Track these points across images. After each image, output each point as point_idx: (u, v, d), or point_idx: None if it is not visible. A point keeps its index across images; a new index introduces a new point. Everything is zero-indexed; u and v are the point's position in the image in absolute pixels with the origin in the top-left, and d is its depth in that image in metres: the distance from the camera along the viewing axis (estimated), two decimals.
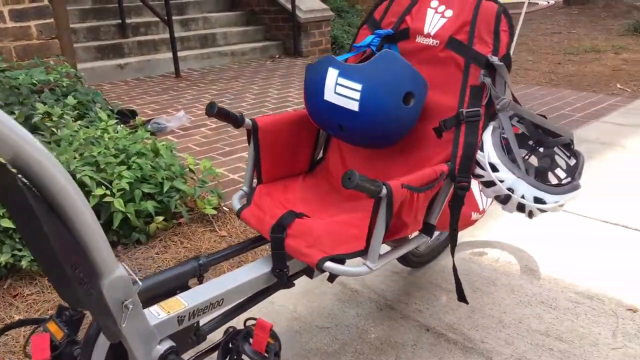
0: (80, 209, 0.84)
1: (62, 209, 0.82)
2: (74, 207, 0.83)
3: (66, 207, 0.82)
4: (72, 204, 0.83)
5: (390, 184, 1.12)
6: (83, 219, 0.85)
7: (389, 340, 1.64)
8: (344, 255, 1.23)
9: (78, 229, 0.85)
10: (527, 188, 1.27)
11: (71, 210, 0.83)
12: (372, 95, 1.27)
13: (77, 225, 0.85)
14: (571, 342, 1.60)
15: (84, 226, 0.85)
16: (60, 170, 0.80)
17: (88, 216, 0.86)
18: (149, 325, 1.04)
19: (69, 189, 0.82)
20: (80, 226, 0.85)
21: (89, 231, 0.86)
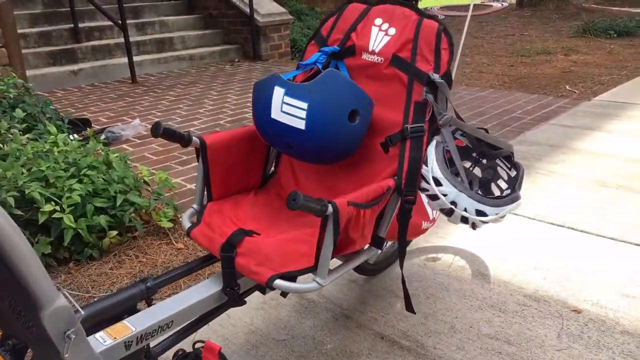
0: (15, 242, 0.83)
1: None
2: (8, 241, 0.82)
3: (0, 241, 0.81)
4: (6, 238, 0.82)
5: (336, 202, 1.15)
6: (18, 251, 0.84)
7: (345, 350, 1.67)
8: (294, 272, 1.24)
9: (13, 263, 0.84)
10: (468, 201, 1.31)
11: (5, 244, 0.82)
12: (317, 113, 1.28)
13: (12, 258, 0.83)
14: (519, 345, 1.66)
15: (20, 259, 0.84)
16: None
17: (24, 248, 0.84)
18: (94, 352, 1.02)
19: (1, 222, 0.80)
20: (15, 259, 0.84)
21: (25, 264, 0.85)
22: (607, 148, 3.36)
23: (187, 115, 4.37)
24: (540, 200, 2.65)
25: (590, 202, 2.62)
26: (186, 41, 6.75)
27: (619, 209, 2.53)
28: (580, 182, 2.86)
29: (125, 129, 3.75)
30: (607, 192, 2.72)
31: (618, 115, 4.10)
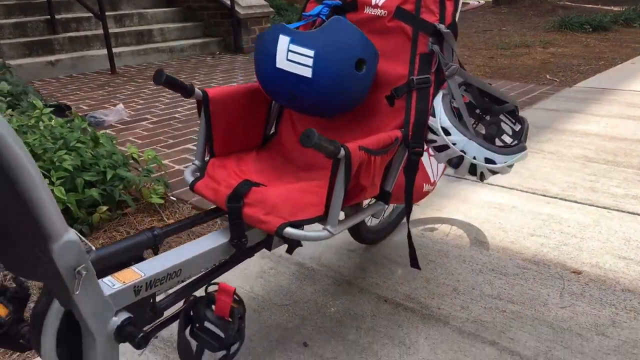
0: (24, 165, 0.78)
1: (4, 163, 0.76)
2: (17, 162, 0.77)
3: (9, 161, 0.76)
4: (16, 159, 0.77)
5: (348, 145, 1.12)
6: (28, 175, 0.79)
7: (349, 312, 1.64)
8: (303, 221, 1.21)
9: (24, 187, 0.79)
10: (478, 149, 1.30)
11: (15, 166, 0.77)
12: (324, 61, 1.26)
13: (22, 182, 0.79)
14: (522, 304, 1.66)
15: (30, 184, 0.80)
16: (4, 123, 0.75)
17: (34, 173, 0.80)
18: (104, 295, 0.98)
19: (11, 142, 0.76)
20: (25, 184, 0.79)
21: (36, 190, 0.81)
22: (591, 128, 3.42)
23: (170, 103, 4.30)
24: (531, 175, 2.67)
25: (580, 175, 2.65)
26: (165, 34, 6.66)
27: (608, 181, 2.56)
28: (569, 158, 2.90)
29: (109, 115, 3.66)
30: (595, 167, 2.76)
31: (599, 99, 4.17)
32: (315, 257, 1.96)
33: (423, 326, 1.57)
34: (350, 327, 1.58)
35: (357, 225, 1.86)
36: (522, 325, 1.57)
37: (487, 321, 1.58)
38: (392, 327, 1.57)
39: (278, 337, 1.54)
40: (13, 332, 1.02)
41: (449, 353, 1.46)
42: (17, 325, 1.02)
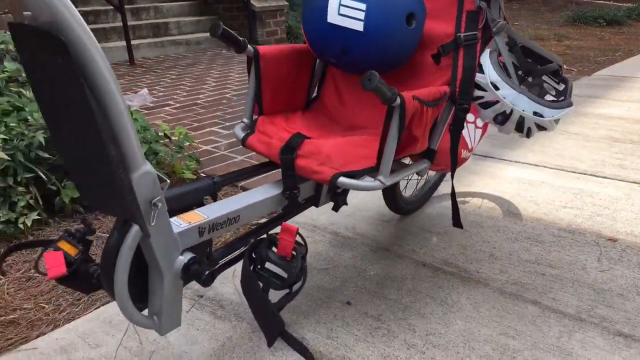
0: (112, 92, 0.81)
1: (95, 89, 0.79)
2: (107, 88, 0.80)
3: (100, 87, 0.79)
4: (106, 85, 0.80)
5: (403, 94, 1.14)
6: (115, 102, 0.82)
7: (388, 275, 1.66)
8: (356, 171, 1.23)
9: (111, 114, 0.82)
10: (527, 102, 1.32)
11: (104, 92, 0.80)
12: (376, 14, 1.28)
13: (109, 109, 0.81)
14: (561, 268, 1.67)
15: (116, 111, 0.82)
16: (97, 46, 0.77)
17: (120, 101, 0.83)
18: (173, 232, 1.01)
19: (103, 67, 0.79)
20: (112, 111, 0.82)
21: (121, 118, 0.83)
22: (614, 112, 3.42)
23: (192, 90, 4.33)
24: (559, 154, 2.68)
25: (607, 154, 2.66)
26: (182, 27, 6.71)
27: (637, 159, 2.57)
28: (594, 139, 2.90)
29: (133, 99, 3.70)
30: (621, 147, 2.76)
31: (619, 86, 4.17)
32: (350, 227, 1.98)
33: (464, 287, 1.59)
34: (391, 288, 1.59)
35: (394, 194, 1.88)
36: (562, 286, 1.58)
37: (527, 283, 1.60)
38: (433, 288, 1.59)
39: (321, 296, 1.56)
40: (82, 271, 1.04)
41: (492, 311, 1.47)
42: (86, 265, 1.04)
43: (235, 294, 1.55)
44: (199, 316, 1.47)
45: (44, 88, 0.81)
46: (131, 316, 1.01)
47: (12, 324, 1.46)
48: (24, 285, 1.64)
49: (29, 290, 1.61)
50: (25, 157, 1.92)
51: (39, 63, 0.77)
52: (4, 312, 1.51)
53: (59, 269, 1.00)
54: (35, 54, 0.76)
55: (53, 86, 0.78)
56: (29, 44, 0.76)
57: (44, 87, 0.80)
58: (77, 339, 1.39)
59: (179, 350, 1.34)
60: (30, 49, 0.76)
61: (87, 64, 0.76)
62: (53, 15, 0.71)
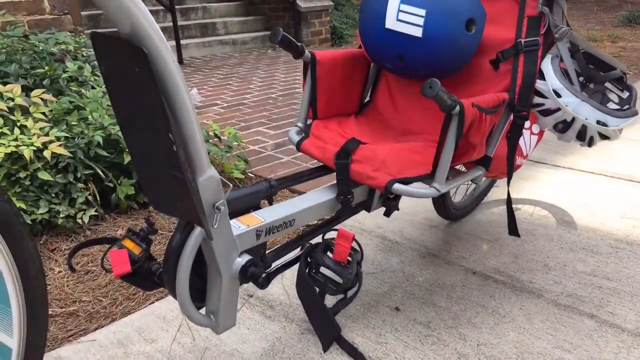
0: (184, 99, 0.83)
1: (169, 95, 0.81)
2: (179, 95, 0.82)
3: (173, 94, 0.82)
4: (179, 92, 0.82)
5: (462, 101, 1.13)
6: (186, 109, 0.84)
7: (437, 282, 1.64)
8: (411, 178, 1.23)
9: (181, 120, 0.84)
10: (590, 110, 1.28)
11: (177, 98, 0.82)
12: (435, 20, 1.27)
13: (180, 115, 0.84)
14: (619, 281, 1.62)
15: (186, 117, 0.85)
16: (172, 55, 0.80)
17: (190, 107, 0.85)
18: (232, 235, 1.03)
19: (176, 75, 0.81)
20: (183, 117, 0.84)
21: (191, 124, 0.86)
22: None
23: (238, 90, 4.40)
24: (615, 161, 2.59)
25: None
26: (228, 27, 6.82)
27: None
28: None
29: None
30: None
31: None
32: (397, 231, 1.97)
33: (516, 298, 1.55)
34: (440, 295, 1.58)
35: (443, 200, 1.86)
36: (620, 300, 1.53)
37: (583, 295, 1.55)
38: (484, 297, 1.56)
39: (370, 301, 1.56)
40: (145, 269, 1.08)
41: (546, 323, 1.44)
42: (149, 262, 1.08)
43: (284, 294, 1.57)
44: (249, 315, 1.49)
45: (121, 95, 0.84)
46: (190, 315, 1.04)
47: (72, 315, 1.52)
48: (82, 279, 1.71)
49: (87, 283, 1.68)
50: (85, 155, 1.99)
51: (118, 72, 0.81)
52: (65, 304, 1.58)
53: (124, 267, 1.03)
54: (114, 63, 0.80)
55: (130, 94, 0.81)
56: (109, 53, 0.79)
57: (121, 94, 0.84)
58: (134, 332, 1.44)
59: (231, 348, 1.37)
60: (110, 58, 0.80)
61: (162, 72, 0.79)
62: (133, 26, 0.74)
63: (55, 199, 1.89)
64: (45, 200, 1.87)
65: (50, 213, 1.88)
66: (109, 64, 0.81)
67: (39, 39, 2.49)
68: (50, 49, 2.56)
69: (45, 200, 1.87)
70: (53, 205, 1.88)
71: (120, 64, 0.78)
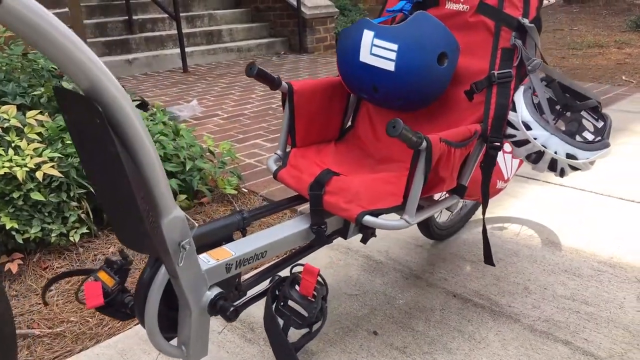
0: (146, 145, 0.87)
1: (130, 143, 0.85)
2: (141, 142, 0.86)
3: (134, 141, 0.85)
4: (140, 139, 0.86)
5: (430, 137, 1.16)
6: (148, 155, 0.88)
7: (417, 305, 1.67)
8: (382, 209, 1.26)
9: (143, 165, 0.88)
10: (560, 144, 1.30)
11: (138, 145, 0.86)
12: (407, 55, 1.30)
13: (142, 161, 0.88)
14: (597, 306, 1.63)
15: (149, 163, 0.88)
16: (131, 105, 0.83)
17: (152, 153, 0.89)
18: (201, 270, 1.06)
19: (137, 124, 0.85)
20: (145, 162, 0.88)
21: (153, 168, 0.89)
22: None
23: (240, 100, 4.45)
24: (607, 178, 2.59)
25: None
26: (234, 34, 6.88)
27: None
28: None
29: (183, 110, 3.84)
30: None
31: None
32: (383, 251, 2.00)
33: (493, 322, 1.57)
34: (419, 319, 1.60)
35: (427, 220, 1.89)
36: (596, 326, 1.54)
37: (559, 321, 1.57)
38: (462, 322, 1.58)
39: (349, 324, 1.58)
40: (118, 300, 1.12)
41: (520, 349, 1.46)
42: (122, 295, 1.12)
43: None
44: (229, 338, 1.53)
45: (84, 144, 0.88)
46: (160, 346, 1.07)
47: (59, 336, 1.57)
48: (71, 298, 1.75)
49: (76, 303, 1.73)
50: (77, 173, 2.04)
51: (79, 123, 0.85)
52: (53, 324, 1.63)
53: (96, 300, 1.07)
54: (76, 115, 0.84)
55: (91, 143, 0.85)
56: (71, 106, 0.83)
57: (84, 143, 0.88)
58: (117, 355, 1.48)
59: None
60: (72, 110, 0.84)
61: (123, 122, 0.83)
62: (92, 82, 0.77)
63: (48, 217, 1.95)
64: (38, 219, 1.92)
65: (44, 231, 1.93)
66: (71, 115, 0.85)
67: (37, 57, 2.54)
68: (50, 66, 2.62)
69: (38, 219, 1.92)
70: (46, 224, 1.93)
71: (81, 117, 0.82)
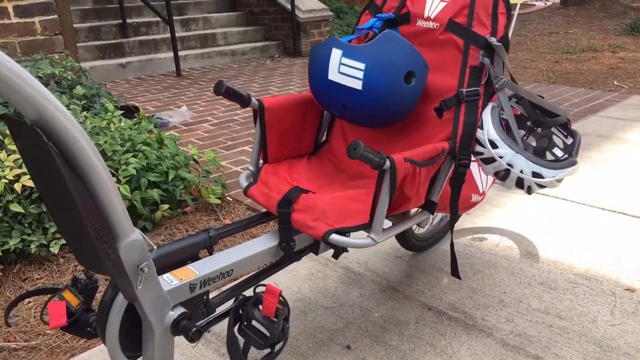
0: (98, 171, 0.88)
1: (82, 169, 0.86)
2: (93, 168, 0.87)
3: (86, 168, 0.86)
4: (92, 165, 0.87)
5: (393, 157, 1.16)
6: (101, 180, 0.89)
7: (392, 318, 1.68)
8: (349, 228, 1.27)
9: (96, 191, 0.89)
10: (525, 163, 1.31)
11: (90, 172, 0.87)
12: (375, 74, 1.31)
13: (95, 186, 0.88)
14: (570, 320, 1.64)
15: (102, 188, 0.89)
16: (81, 132, 0.84)
17: (106, 178, 0.89)
18: (162, 291, 1.07)
19: (88, 151, 0.86)
20: (98, 188, 0.89)
21: (107, 193, 0.90)
22: None
23: (230, 105, 4.46)
24: (590, 187, 2.60)
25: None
26: (228, 37, 6.88)
27: None
28: (631, 171, 2.79)
29: (173, 116, 3.85)
30: None
31: None
32: (362, 262, 2.01)
33: (466, 336, 1.58)
34: (393, 333, 1.61)
35: (404, 232, 1.89)
36: (568, 341, 1.55)
37: (532, 335, 1.58)
38: (435, 336, 1.59)
39: (323, 338, 1.59)
40: (82, 320, 1.13)
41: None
42: (86, 314, 1.13)
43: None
44: (203, 352, 1.54)
45: (36, 171, 0.89)
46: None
47: (35, 349, 1.58)
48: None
49: None
50: None
51: (30, 151, 0.86)
52: (29, 337, 1.64)
53: (60, 320, 1.08)
54: (26, 143, 0.85)
55: (41, 170, 0.86)
56: (21, 135, 0.84)
57: (36, 170, 0.89)
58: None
59: None
60: (22, 139, 0.85)
61: (72, 148, 0.84)
62: (39, 112, 0.78)
63: (28, 228, 1.96)
64: (18, 231, 1.93)
65: (24, 242, 1.94)
66: (23, 144, 0.86)
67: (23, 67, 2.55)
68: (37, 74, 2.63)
69: (18, 230, 1.93)
70: (26, 236, 1.94)
71: (30, 144, 0.83)
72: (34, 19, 3.38)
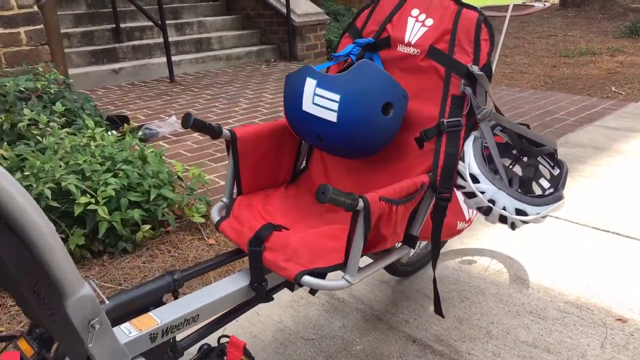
0: (39, 228, 0.82)
1: (20, 228, 0.80)
2: (32, 226, 0.81)
3: (24, 226, 0.80)
4: (31, 223, 0.81)
5: (367, 196, 1.10)
6: (43, 238, 0.83)
7: (375, 352, 1.62)
8: (323, 269, 1.21)
9: (38, 248, 0.83)
10: (508, 200, 1.25)
11: (30, 230, 0.81)
12: (350, 106, 1.25)
13: (36, 244, 0.82)
14: (559, 354, 1.58)
15: (44, 245, 0.83)
16: (18, 188, 0.78)
17: (48, 235, 0.83)
18: (119, 344, 1.01)
19: (26, 207, 0.80)
20: (40, 245, 0.83)
21: (50, 250, 0.84)
22: None
23: (222, 113, 4.40)
24: (583, 204, 2.53)
25: (638, 207, 2.49)
26: (223, 41, 6.82)
27: None
28: (627, 186, 2.72)
29: (162, 126, 3.79)
30: None
31: None
32: (347, 289, 1.94)
33: None
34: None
35: None
36: None
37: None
38: None
39: None
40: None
41: None
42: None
43: None
44: None
45: None
46: None
47: None
48: None
49: None
50: None
51: None
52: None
53: None
54: None
55: None
56: None
57: None
58: None
59: None
60: None
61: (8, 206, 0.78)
62: None
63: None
64: None
65: None
66: None
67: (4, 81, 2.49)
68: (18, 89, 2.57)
69: None
70: None
71: None
72: (19, 29, 3.32)
